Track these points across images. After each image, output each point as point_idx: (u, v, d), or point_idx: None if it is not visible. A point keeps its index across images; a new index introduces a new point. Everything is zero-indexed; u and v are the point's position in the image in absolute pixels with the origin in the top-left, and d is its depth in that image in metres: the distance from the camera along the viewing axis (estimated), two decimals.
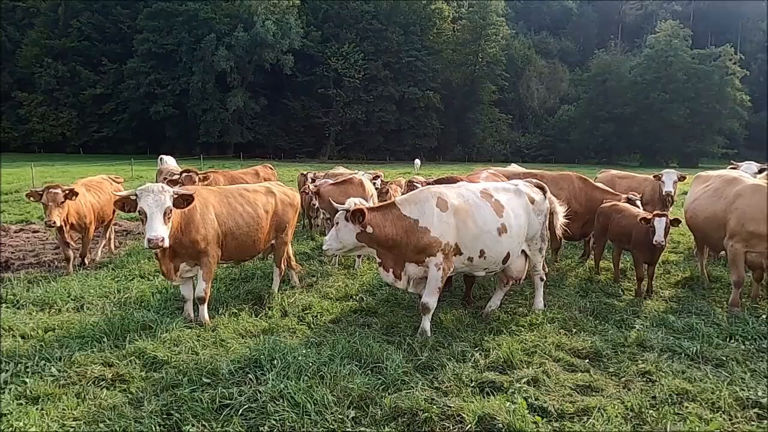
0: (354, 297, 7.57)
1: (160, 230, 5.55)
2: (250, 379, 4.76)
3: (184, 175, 11.05)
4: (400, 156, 66.69)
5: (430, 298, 6.05)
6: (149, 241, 5.48)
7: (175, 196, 5.82)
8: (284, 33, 63.09)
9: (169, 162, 18.43)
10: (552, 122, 79.33)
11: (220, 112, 63.61)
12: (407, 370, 5.04)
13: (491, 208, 6.31)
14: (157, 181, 13.31)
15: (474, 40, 73.73)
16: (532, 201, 6.80)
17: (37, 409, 4.35)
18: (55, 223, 8.32)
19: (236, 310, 6.83)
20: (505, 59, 75.51)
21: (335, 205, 6.16)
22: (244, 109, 65.04)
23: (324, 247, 6.13)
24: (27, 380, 4.78)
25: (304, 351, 5.23)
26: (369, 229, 5.90)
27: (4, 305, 6.93)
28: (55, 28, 67.00)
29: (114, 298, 7.31)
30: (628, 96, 72.26)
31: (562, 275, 9.01)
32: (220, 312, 6.79)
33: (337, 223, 6.00)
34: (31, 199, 8.57)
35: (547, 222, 7.06)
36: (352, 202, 6.02)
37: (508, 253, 6.46)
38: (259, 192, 7.34)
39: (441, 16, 75.19)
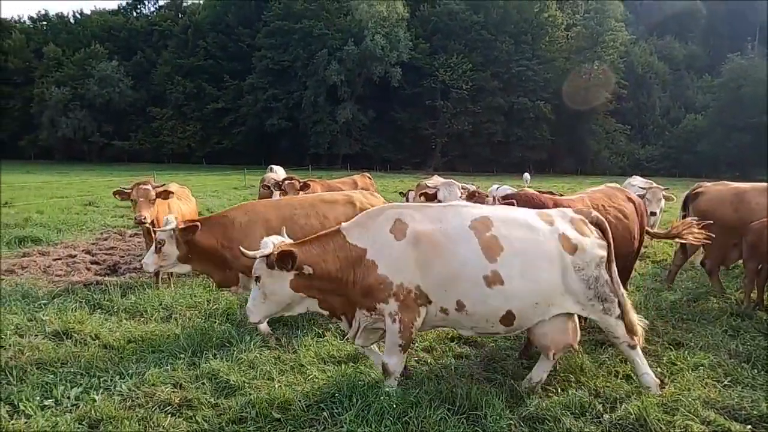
0: None
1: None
2: (325, 417, 4.13)
3: (286, 182, 11.02)
4: (507, 168, 64.34)
5: (389, 358, 4.53)
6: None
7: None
8: (393, 46, 63.72)
9: (278, 171, 18.87)
10: (676, 132, 72.92)
11: (329, 124, 65.43)
12: (512, 422, 4.16)
13: (477, 246, 4.39)
14: (259, 188, 13.58)
15: (590, 47, 69.83)
16: (574, 248, 4.55)
17: None
18: (145, 218, 7.48)
19: (321, 330, 6.29)
20: (623, 66, 70.94)
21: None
22: (353, 121, 66.37)
23: (247, 316, 4.58)
24: (96, 397, 4.51)
25: (387, 388, 4.50)
26: (307, 270, 4.39)
27: (98, 311, 6.92)
28: (184, 48, 73.31)
29: (202, 308, 7.08)
30: None
31: (702, 308, 7.57)
32: (304, 331, 6.29)
33: (258, 278, 4.42)
34: (118, 197, 7.86)
35: (607, 277, 4.68)
36: (269, 243, 4.42)
37: (509, 312, 4.47)
38: (336, 203, 6.80)
39: (554, 24, 72.09)
